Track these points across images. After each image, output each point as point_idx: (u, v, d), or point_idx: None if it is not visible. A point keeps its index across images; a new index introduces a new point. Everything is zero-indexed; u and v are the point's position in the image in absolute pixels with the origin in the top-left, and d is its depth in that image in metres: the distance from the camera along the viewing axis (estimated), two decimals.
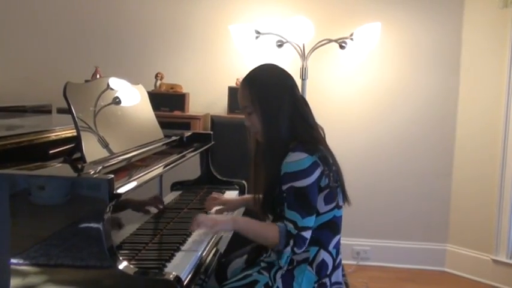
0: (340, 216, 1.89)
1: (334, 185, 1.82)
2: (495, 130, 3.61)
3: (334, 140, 1.97)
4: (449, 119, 3.84)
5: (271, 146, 1.84)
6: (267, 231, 1.81)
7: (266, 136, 1.86)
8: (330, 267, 1.84)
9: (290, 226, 1.76)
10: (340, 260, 1.91)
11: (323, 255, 1.83)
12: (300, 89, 3.48)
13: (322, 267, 1.82)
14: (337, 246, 1.88)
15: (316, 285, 1.81)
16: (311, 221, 1.77)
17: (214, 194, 2.31)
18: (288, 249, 1.76)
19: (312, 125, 1.89)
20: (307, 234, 1.76)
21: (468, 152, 3.78)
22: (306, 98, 2.00)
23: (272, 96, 1.84)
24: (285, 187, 1.78)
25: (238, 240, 2.12)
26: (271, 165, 1.83)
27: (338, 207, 1.86)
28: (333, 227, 1.86)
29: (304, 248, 1.78)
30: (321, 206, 1.81)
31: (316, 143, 1.83)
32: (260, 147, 1.92)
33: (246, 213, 2.21)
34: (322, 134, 1.93)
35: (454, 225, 3.87)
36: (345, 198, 1.90)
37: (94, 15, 3.94)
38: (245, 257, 2.06)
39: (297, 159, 1.75)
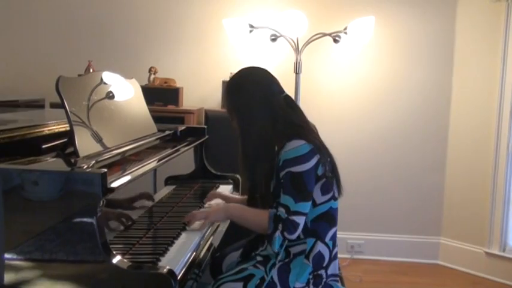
0: (336, 208, 1.90)
1: (329, 175, 1.84)
2: (488, 124, 3.63)
3: (327, 134, 1.98)
4: (443, 113, 3.85)
5: (248, 152, 1.91)
6: (258, 217, 1.84)
7: (242, 143, 1.93)
8: (327, 259, 1.85)
9: (281, 210, 1.77)
10: (337, 252, 1.92)
11: (320, 247, 1.83)
12: (294, 83, 3.56)
13: (318, 259, 1.83)
14: (334, 238, 1.89)
15: (311, 276, 1.82)
16: (305, 206, 1.78)
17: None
18: (277, 233, 1.77)
19: (297, 124, 1.88)
20: (299, 219, 1.77)
21: (461, 146, 3.80)
22: (291, 96, 2.00)
23: (245, 107, 1.89)
24: (282, 173, 1.79)
25: (233, 234, 2.13)
26: (250, 168, 1.93)
27: (334, 198, 1.88)
28: (329, 218, 1.87)
29: (296, 234, 1.78)
30: (318, 196, 1.83)
31: (307, 134, 1.84)
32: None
33: None
34: (314, 130, 1.95)
35: (447, 218, 3.89)
36: (339, 189, 1.91)
37: (87, 9, 3.91)
38: (241, 250, 2.07)
39: (295, 145, 1.77)
